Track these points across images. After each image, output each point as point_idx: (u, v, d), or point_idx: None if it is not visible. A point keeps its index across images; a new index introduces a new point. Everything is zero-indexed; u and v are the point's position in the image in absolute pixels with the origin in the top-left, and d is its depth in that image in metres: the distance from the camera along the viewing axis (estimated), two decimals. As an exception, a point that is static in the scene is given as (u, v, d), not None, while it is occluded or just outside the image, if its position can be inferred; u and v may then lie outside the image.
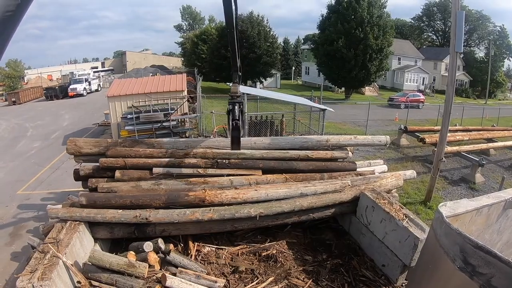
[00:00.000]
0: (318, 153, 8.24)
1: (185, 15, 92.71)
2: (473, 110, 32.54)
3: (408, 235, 5.56)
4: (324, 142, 8.56)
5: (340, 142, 8.70)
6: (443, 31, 76.11)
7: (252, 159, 7.68)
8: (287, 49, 78.92)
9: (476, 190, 13.91)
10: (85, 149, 7.46)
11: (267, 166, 7.68)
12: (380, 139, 9.00)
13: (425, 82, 60.75)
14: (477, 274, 3.19)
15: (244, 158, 7.63)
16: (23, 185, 14.40)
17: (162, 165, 7.29)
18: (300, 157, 8.04)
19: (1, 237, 10.12)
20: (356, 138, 8.95)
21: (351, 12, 39.65)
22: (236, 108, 6.66)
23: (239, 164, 7.54)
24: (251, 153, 7.73)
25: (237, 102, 6.81)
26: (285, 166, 7.81)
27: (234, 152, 7.49)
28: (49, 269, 4.81)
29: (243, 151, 7.61)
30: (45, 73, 67.77)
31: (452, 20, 10.74)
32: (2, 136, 24.24)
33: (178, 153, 7.50)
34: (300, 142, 8.49)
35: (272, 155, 7.86)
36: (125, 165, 7.14)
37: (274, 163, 7.76)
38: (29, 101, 44.48)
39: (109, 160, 7.21)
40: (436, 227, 3.86)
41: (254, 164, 7.60)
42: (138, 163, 7.28)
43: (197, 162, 7.43)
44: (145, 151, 7.52)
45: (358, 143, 9.16)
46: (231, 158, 7.53)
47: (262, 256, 6.46)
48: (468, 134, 19.33)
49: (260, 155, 7.77)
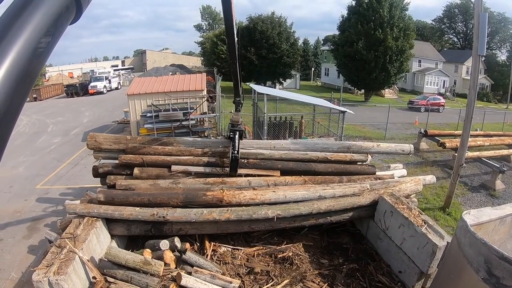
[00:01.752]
0: (337, 155, 8.10)
1: (205, 15, 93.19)
2: (494, 115, 31.94)
3: (427, 242, 5.45)
4: (346, 149, 8.42)
5: (362, 149, 8.56)
6: (464, 33, 74.87)
7: (270, 159, 7.62)
8: (307, 50, 78.68)
9: (496, 197, 13.63)
10: (104, 145, 7.50)
11: (286, 167, 7.59)
12: (403, 148, 8.83)
13: (445, 85, 59.86)
14: (501, 286, 3.10)
15: (263, 159, 7.57)
16: (42, 179, 14.67)
17: (181, 163, 7.30)
18: (319, 159, 7.92)
19: (19, 230, 10.31)
20: (379, 146, 8.82)
21: (372, 13, 39.30)
22: (236, 136, 7.02)
23: (258, 164, 7.50)
24: (270, 153, 7.66)
25: (238, 130, 7.15)
26: (304, 168, 7.71)
27: (253, 152, 7.50)
28: (65, 264, 4.84)
29: (262, 151, 7.58)
30: (66, 70, 69.04)
31: (475, 22, 10.55)
32: (23, 131, 24.73)
33: (197, 152, 7.51)
34: (321, 147, 8.42)
35: (291, 156, 7.77)
36: (144, 162, 7.17)
37: (293, 165, 7.69)
38: (50, 98, 45.40)
39: (128, 157, 7.25)
40: (460, 235, 3.76)
41: (273, 165, 7.55)
42: (157, 160, 7.28)
43: (216, 161, 7.42)
44: (164, 149, 7.53)
45: (380, 151, 9.04)
46: (250, 158, 7.50)
47: (278, 258, 6.42)
48: (489, 140, 18.95)
49: (279, 156, 7.69)
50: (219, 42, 54.55)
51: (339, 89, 35.90)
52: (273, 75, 49.68)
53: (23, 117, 30.31)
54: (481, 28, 10.20)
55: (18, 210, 11.62)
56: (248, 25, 48.91)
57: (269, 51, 46.75)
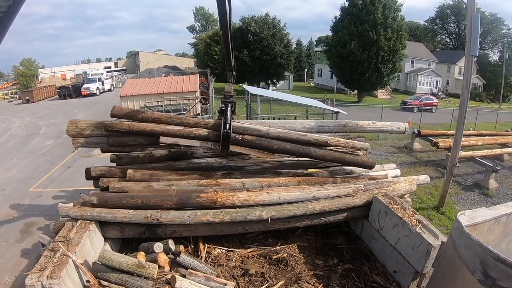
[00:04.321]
0: (338, 141, 7.71)
1: (198, 16, 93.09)
2: (486, 114, 32.10)
3: (421, 242, 5.46)
4: (342, 127, 8.34)
5: (358, 127, 8.43)
6: (456, 33, 75.35)
7: (267, 137, 7.20)
8: (300, 50, 78.78)
9: (489, 196, 13.69)
10: (86, 130, 7.16)
11: (283, 148, 7.22)
12: (399, 126, 8.85)
13: (438, 85, 60.22)
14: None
15: (259, 136, 7.18)
16: (35, 182, 14.53)
17: (170, 134, 6.88)
18: (319, 142, 7.49)
19: (12, 234, 10.20)
20: (375, 124, 8.71)
21: (365, 14, 39.44)
22: (228, 109, 6.72)
23: (253, 143, 7.08)
24: (267, 131, 7.24)
25: (230, 102, 6.82)
26: (301, 151, 7.36)
27: (249, 128, 7.13)
28: (59, 267, 4.81)
29: (259, 128, 7.24)
30: (58, 72, 68.73)
31: (467, 23, 10.58)
32: (16, 133, 24.57)
33: (188, 122, 7.09)
34: (317, 126, 8.14)
35: (289, 136, 7.32)
36: (130, 129, 6.86)
37: (290, 146, 7.27)
38: (42, 100, 45.14)
39: (114, 123, 6.95)
40: (455, 237, 3.76)
41: (269, 144, 7.13)
42: (145, 129, 6.89)
43: (208, 135, 7.02)
44: (152, 114, 7.14)
45: (376, 129, 8.92)
46: (245, 134, 7.08)
47: (273, 260, 6.41)
48: (482, 139, 19.00)
49: (276, 134, 7.24)
50: (212, 43, 54.56)
51: (332, 90, 35.99)
52: (267, 76, 49.66)
53: (15, 119, 30.14)
54: (473, 29, 10.24)
55: (11, 213, 11.50)
56: (241, 26, 48.87)
57: (262, 52, 46.75)
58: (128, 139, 7.17)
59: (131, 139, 7.18)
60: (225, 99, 6.86)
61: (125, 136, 7.13)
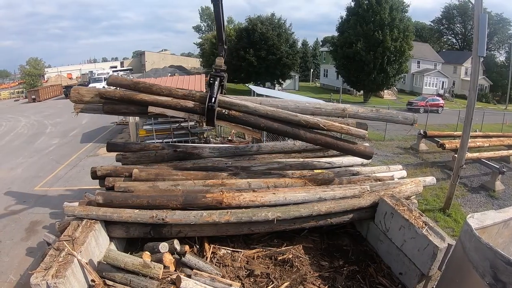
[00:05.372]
0: (332, 125, 7.18)
1: (204, 16, 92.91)
2: (493, 116, 31.89)
3: (428, 244, 5.43)
4: (340, 111, 7.61)
5: (359, 113, 7.63)
6: (463, 34, 74.87)
7: (254, 114, 6.94)
8: (306, 51, 78.61)
9: (495, 198, 13.58)
10: (86, 97, 7.13)
11: (270, 127, 7.01)
12: (406, 116, 7.92)
13: (444, 86, 59.80)
14: (507, 292, 3.05)
15: (246, 112, 6.93)
16: (40, 181, 14.59)
17: (158, 103, 6.81)
18: (310, 125, 7.08)
19: (18, 232, 10.25)
20: (379, 110, 7.97)
21: (371, 14, 39.31)
22: (216, 83, 6.60)
23: (239, 119, 6.91)
24: (255, 108, 6.93)
25: (219, 76, 6.69)
26: (290, 132, 7.04)
27: (237, 103, 6.90)
28: (64, 266, 4.82)
29: (246, 104, 6.93)
30: (64, 71, 69.00)
31: (474, 24, 10.51)
32: (21, 132, 24.69)
33: (177, 93, 6.99)
34: (313, 108, 7.56)
35: (278, 115, 6.97)
36: (122, 97, 6.86)
37: (278, 126, 6.98)
38: (48, 99, 45.36)
39: (108, 91, 6.99)
40: (465, 240, 3.72)
41: (256, 122, 6.93)
42: (135, 98, 6.85)
43: (194, 107, 6.85)
44: (144, 84, 7.12)
45: (380, 117, 7.94)
46: (232, 109, 6.90)
47: (278, 260, 6.39)
48: (488, 141, 18.88)
49: (264, 112, 6.93)
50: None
51: (338, 90, 35.94)
52: (272, 76, 49.58)
53: (21, 118, 30.30)
54: (480, 29, 10.16)
55: (16, 212, 11.56)
56: (247, 26, 48.85)
57: (268, 52, 46.67)
58: (121, 107, 7.12)
59: (123, 107, 7.13)
60: (214, 73, 6.75)
61: (118, 104, 7.10)
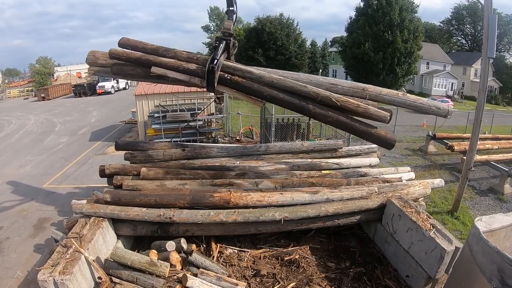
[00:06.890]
0: (346, 101, 6.14)
1: (213, 16, 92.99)
2: (502, 118, 31.62)
3: (435, 246, 5.37)
4: (360, 90, 6.45)
5: (382, 95, 6.44)
6: (472, 35, 74.27)
7: (258, 82, 6.29)
8: (314, 51, 78.49)
9: (504, 201, 13.45)
10: (101, 60, 7.04)
11: (274, 97, 6.27)
12: (439, 106, 6.58)
13: (453, 87, 59.35)
14: (514, 296, 3.03)
15: (250, 79, 6.32)
16: (49, 178, 14.74)
17: (161, 64, 6.52)
18: (320, 98, 6.12)
19: (26, 229, 10.35)
20: (405, 95, 6.66)
21: (381, 15, 39.15)
22: (221, 46, 6.22)
23: (241, 85, 6.34)
24: (259, 74, 6.29)
25: (225, 39, 6.29)
26: (297, 105, 6.25)
27: (240, 68, 6.38)
28: (71, 263, 4.86)
29: (251, 70, 6.37)
30: (74, 70, 69.35)
31: (484, 25, 10.39)
32: (31, 130, 24.92)
33: (182, 55, 6.68)
34: (328, 84, 6.52)
35: (284, 84, 6.21)
36: (128, 56, 6.71)
37: (284, 96, 6.24)
38: (58, 97, 45.74)
39: (116, 50, 6.78)
40: (472, 243, 3.69)
41: (259, 90, 6.28)
42: (141, 58, 6.65)
43: (196, 70, 6.35)
44: (152, 46, 6.85)
45: (406, 102, 6.50)
46: (235, 75, 6.35)
47: (285, 261, 6.38)
48: (498, 143, 18.73)
49: (269, 79, 6.23)
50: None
51: (346, 91, 35.94)
52: (281, 76, 49.63)
53: (31, 116, 30.57)
54: (490, 30, 10.07)
55: (25, 209, 11.67)
56: (256, 26, 48.91)
57: (277, 52, 46.73)
58: (128, 68, 6.96)
59: (130, 69, 6.99)
60: (221, 36, 6.38)
61: (126, 66, 6.98)
